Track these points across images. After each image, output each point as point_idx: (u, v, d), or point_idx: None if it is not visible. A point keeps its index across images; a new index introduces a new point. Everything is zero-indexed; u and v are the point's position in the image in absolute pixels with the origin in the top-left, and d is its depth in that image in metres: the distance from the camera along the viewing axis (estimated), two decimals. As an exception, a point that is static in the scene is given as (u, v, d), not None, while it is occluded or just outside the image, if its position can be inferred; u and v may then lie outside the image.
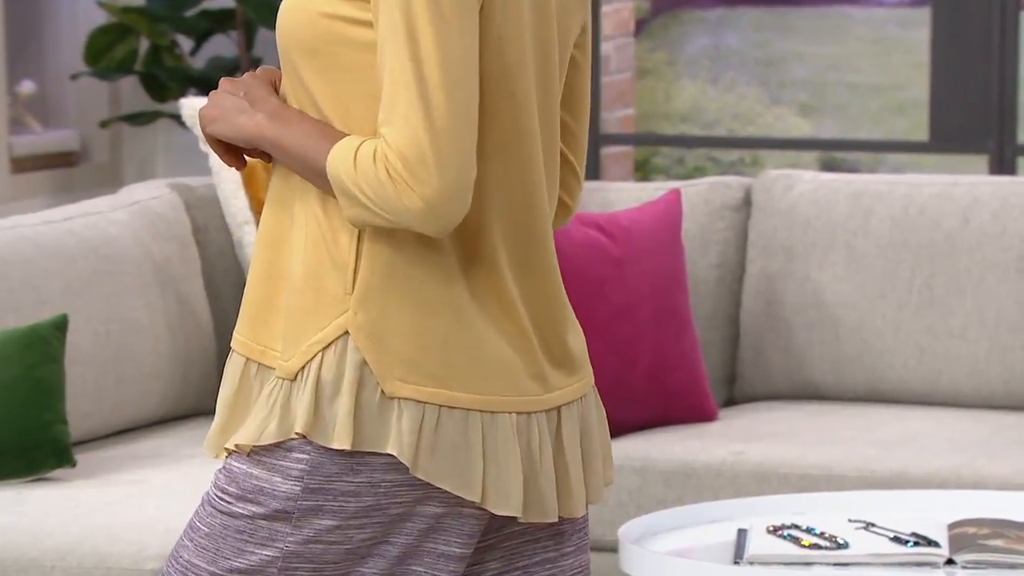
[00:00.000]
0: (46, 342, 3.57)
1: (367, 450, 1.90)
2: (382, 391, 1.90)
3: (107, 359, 3.85)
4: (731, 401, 4.38)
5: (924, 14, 5.45)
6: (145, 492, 3.51)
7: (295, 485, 1.91)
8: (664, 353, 4.03)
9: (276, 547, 1.93)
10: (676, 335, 4.11)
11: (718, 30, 7.61)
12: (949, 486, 3.70)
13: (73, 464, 3.57)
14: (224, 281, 4.17)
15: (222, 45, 5.40)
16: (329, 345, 1.90)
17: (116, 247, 3.95)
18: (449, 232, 1.84)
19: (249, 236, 4.11)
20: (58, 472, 3.57)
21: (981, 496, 3.16)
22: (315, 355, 1.90)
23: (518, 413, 1.92)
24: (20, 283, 3.74)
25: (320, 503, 1.92)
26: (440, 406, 1.89)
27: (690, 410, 4.11)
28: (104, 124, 5.11)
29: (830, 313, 4.26)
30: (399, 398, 1.89)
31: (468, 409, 1.89)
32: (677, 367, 4.07)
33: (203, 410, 4.10)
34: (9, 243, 3.78)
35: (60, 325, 3.61)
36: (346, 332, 1.89)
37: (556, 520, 1.97)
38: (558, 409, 1.96)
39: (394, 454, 1.88)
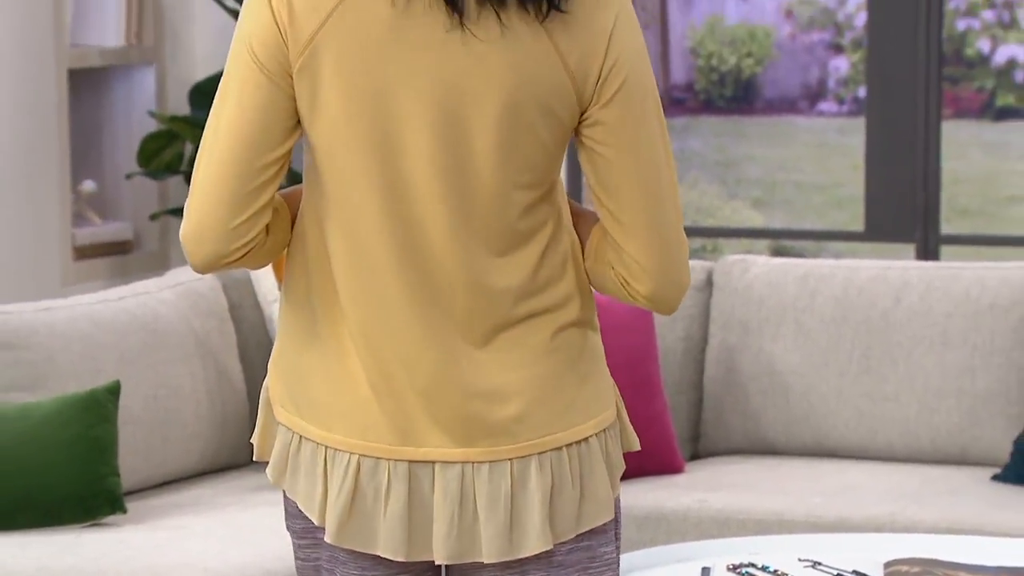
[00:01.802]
0: (101, 405, 3.56)
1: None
2: (274, 415, 1.91)
3: (154, 420, 3.84)
4: (696, 456, 4.36)
5: (860, 123, 5.47)
6: (188, 536, 3.49)
7: (284, 505, 1.94)
8: (637, 415, 4.02)
9: (295, 562, 1.95)
10: (648, 399, 4.09)
11: (683, 135, 7.63)
12: (885, 530, 3.68)
13: (124, 511, 3.55)
14: (256, 352, 4.15)
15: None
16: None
17: (163, 323, 3.94)
18: (204, 270, 1.83)
19: (277, 312, 4.09)
20: (111, 518, 3.55)
21: (913, 539, 3.13)
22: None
23: (362, 456, 1.83)
24: (80, 354, 3.73)
25: (290, 523, 1.92)
26: (301, 435, 1.87)
27: (660, 464, 4.09)
28: (154, 217, 5.10)
29: (781, 380, 4.25)
30: (279, 423, 1.89)
31: (316, 442, 1.85)
32: (649, 427, 4.05)
33: (238, 463, 4.08)
34: (71, 320, 3.77)
35: (114, 390, 3.59)
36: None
37: (400, 558, 1.83)
38: (432, 464, 1.82)
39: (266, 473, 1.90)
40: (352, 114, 1.79)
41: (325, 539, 1.84)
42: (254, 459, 1.91)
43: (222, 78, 1.82)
